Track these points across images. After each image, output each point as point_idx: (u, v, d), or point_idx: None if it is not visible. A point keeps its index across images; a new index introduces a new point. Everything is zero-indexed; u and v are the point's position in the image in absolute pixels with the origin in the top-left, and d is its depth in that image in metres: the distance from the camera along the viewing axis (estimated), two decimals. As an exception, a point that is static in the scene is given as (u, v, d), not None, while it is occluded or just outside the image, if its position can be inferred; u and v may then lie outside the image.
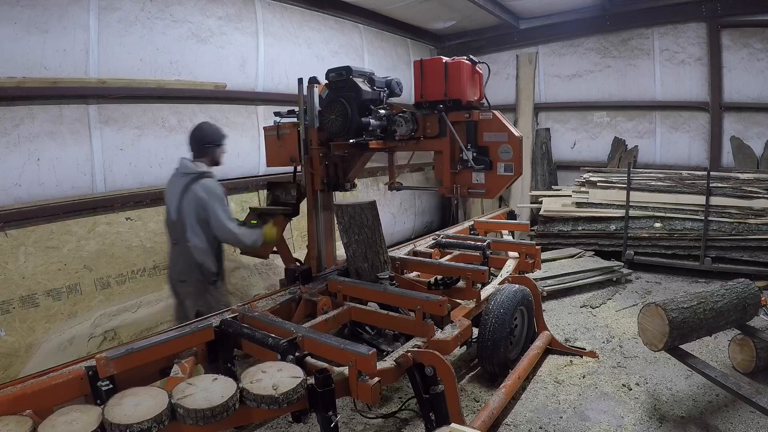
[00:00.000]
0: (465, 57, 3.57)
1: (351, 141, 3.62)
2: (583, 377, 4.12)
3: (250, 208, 4.57)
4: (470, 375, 4.23)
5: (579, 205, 7.48)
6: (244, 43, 6.11)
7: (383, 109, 3.72)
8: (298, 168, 4.22)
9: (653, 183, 7.12)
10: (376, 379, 2.42)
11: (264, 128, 4.35)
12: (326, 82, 3.81)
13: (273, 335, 2.68)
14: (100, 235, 4.61)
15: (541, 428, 3.46)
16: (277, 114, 4.28)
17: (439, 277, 3.88)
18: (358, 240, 3.76)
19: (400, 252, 4.56)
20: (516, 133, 3.36)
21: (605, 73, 8.61)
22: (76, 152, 4.60)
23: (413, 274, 4.24)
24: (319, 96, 3.85)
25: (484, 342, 3.85)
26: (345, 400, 3.65)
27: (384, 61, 8.57)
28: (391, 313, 3.36)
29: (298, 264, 4.26)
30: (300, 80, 3.95)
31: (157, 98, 5.19)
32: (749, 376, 3.97)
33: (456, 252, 4.69)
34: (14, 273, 4.09)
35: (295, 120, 4.14)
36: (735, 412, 3.52)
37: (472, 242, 4.78)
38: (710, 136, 7.72)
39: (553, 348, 4.55)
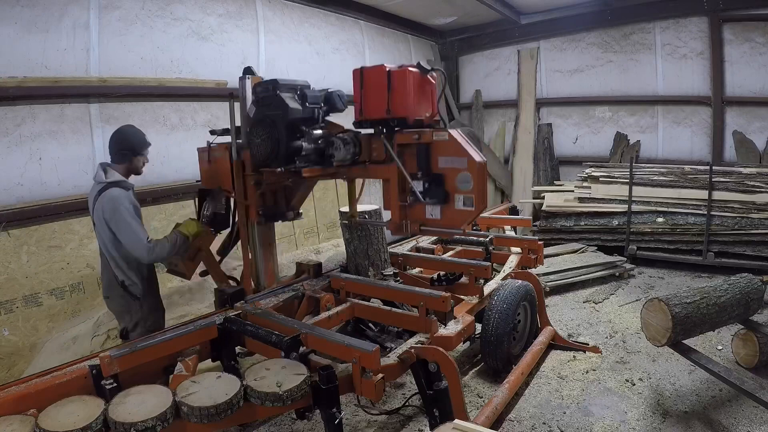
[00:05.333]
0: (414, 65, 2.91)
1: (279, 169, 3.09)
2: (587, 372, 4.12)
3: (176, 223, 3.68)
4: (474, 371, 4.23)
5: (581, 200, 7.46)
6: (245, 41, 6.10)
7: (319, 128, 3.19)
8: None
9: (655, 178, 7.10)
10: (380, 375, 2.42)
11: (197, 149, 3.78)
12: (252, 98, 3.32)
13: (276, 332, 2.68)
14: (103, 234, 4.60)
15: (544, 423, 3.46)
16: (212, 132, 3.73)
17: (442, 273, 3.88)
18: (360, 236, 3.76)
19: (403, 248, 4.56)
20: (477, 158, 2.74)
21: (607, 67, 8.59)
22: (78, 151, 4.60)
23: (416, 271, 4.24)
24: (247, 114, 3.38)
25: (488, 338, 3.84)
26: (349, 397, 3.65)
27: (385, 58, 8.54)
28: (394, 309, 3.34)
29: (232, 283, 3.77)
30: (231, 96, 3.44)
31: (158, 96, 5.19)
32: (752, 371, 3.96)
33: (458, 248, 4.69)
34: (17, 272, 4.10)
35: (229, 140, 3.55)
36: (738, 407, 3.52)
37: (475, 238, 4.77)
38: (712, 131, 7.69)
39: (556, 343, 4.55)
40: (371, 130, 3.07)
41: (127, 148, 3.38)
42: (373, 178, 3.26)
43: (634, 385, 3.91)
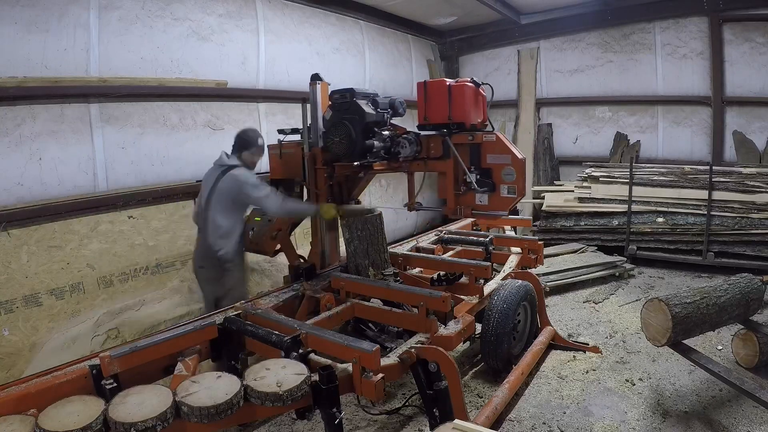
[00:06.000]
0: (468, 79, 3.53)
1: (356, 163, 3.61)
2: (587, 372, 4.12)
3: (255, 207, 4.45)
4: (474, 371, 4.23)
5: (581, 200, 7.46)
6: (245, 41, 6.09)
7: (387, 130, 3.71)
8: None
9: (656, 178, 7.11)
10: (380, 375, 2.43)
11: (268, 146, 4.37)
12: (330, 103, 3.84)
13: (276, 332, 2.69)
14: (103, 234, 4.61)
15: (544, 423, 3.46)
16: (280, 131, 4.35)
17: (442, 273, 3.88)
18: (360, 236, 3.76)
19: (403, 248, 4.56)
20: (519, 155, 3.36)
21: (607, 67, 8.58)
22: (78, 151, 4.60)
23: (416, 271, 4.24)
24: (323, 117, 3.90)
25: (488, 338, 3.85)
26: (349, 397, 3.65)
27: (385, 58, 8.55)
28: (394, 309, 3.35)
29: (302, 261, 4.31)
30: (303, 101, 4.05)
31: (158, 96, 5.19)
32: (752, 371, 3.96)
33: (459, 248, 4.69)
34: (17, 272, 4.10)
35: (298, 138, 4.24)
36: (738, 407, 3.52)
37: (475, 238, 4.78)
38: (712, 131, 7.69)
39: (556, 343, 4.55)
40: (431, 132, 3.66)
41: (242, 144, 4.07)
42: (431, 171, 3.81)
43: (634, 385, 3.91)
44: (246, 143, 4.08)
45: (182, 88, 5.38)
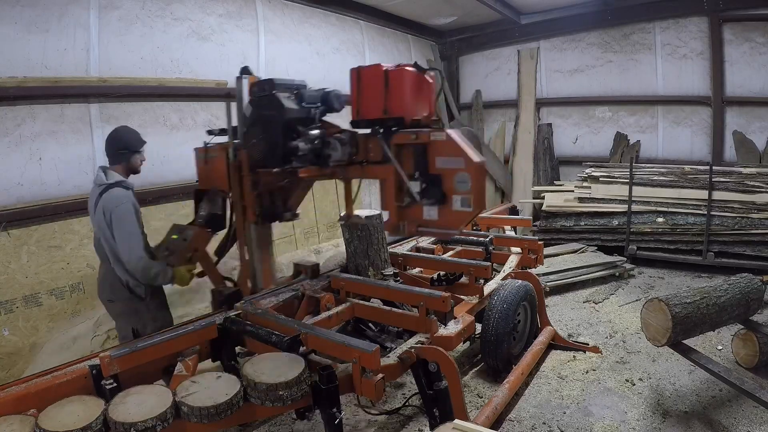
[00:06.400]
0: (411, 64, 2.86)
1: (275, 170, 3.11)
2: (587, 372, 4.12)
3: (174, 224, 3.80)
4: (474, 371, 4.23)
5: (581, 200, 7.46)
6: (245, 41, 6.10)
7: (317, 129, 3.11)
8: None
9: (656, 178, 7.10)
10: (380, 375, 2.42)
11: (194, 149, 3.74)
12: (249, 98, 3.31)
13: (276, 332, 2.68)
14: (103, 234, 4.60)
15: (544, 423, 3.46)
16: (209, 132, 3.66)
17: (442, 273, 3.88)
18: (360, 237, 3.75)
19: (403, 248, 4.56)
20: (475, 159, 2.67)
21: (607, 67, 8.59)
22: (78, 151, 4.60)
23: (416, 271, 4.23)
24: (243, 115, 3.36)
25: (488, 338, 3.85)
26: (349, 397, 3.65)
27: (385, 58, 8.54)
28: (394, 309, 3.34)
29: (229, 284, 3.77)
30: (227, 98, 3.36)
31: (158, 96, 5.19)
32: (752, 371, 3.96)
33: (458, 248, 4.68)
34: (17, 272, 4.10)
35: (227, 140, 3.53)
36: (738, 407, 3.52)
37: (475, 238, 4.77)
38: (712, 131, 7.69)
39: (556, 343, 4.55)
40: (368, 130, 3.00)
41: (124, 147, 3.41)
42: (369, 179, 3.18)
43: (634, 385, 3.91)
44: (129, 145, 3.44)
45: (182, 88, 5.38)
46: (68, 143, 4.52)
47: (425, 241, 4.86)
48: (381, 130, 2.91)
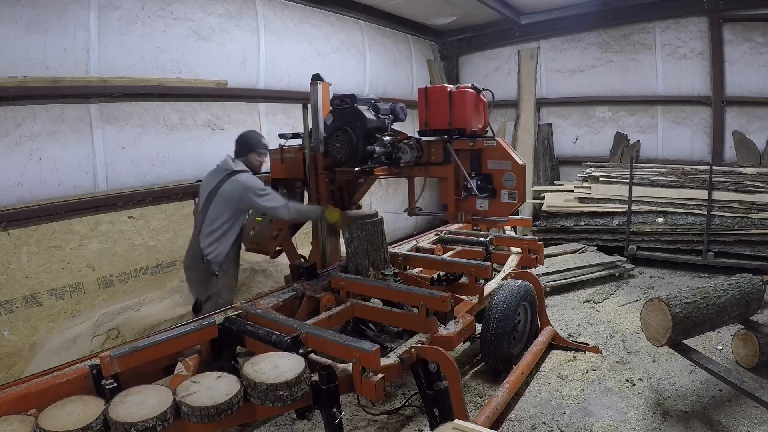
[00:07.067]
0: (470, 85, 3.57)
1: (357, 169, 3.70)
2: (587, 373, 4.12)
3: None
4: (474, 371, 4.23)
5: (581, 200, 7.47)
6: (245, 41, 6.10)
7: (388, 135, 3.72)
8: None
9: (656, 178, 7.11)
10: (380, 375, 2.42)
11: (269, 151, 4.32)
12: (330, 108, 3.89)
13: (276, 332, 2.68)
14: (103, 234, 4.61)
15: (544, 424, 3.46)
16: (281, 136, 4.33)
17: (442, 273, 3.88)
18: (360, 237, 3.76)
19: (403, 248, 4.56)
20: (519, 161, 3.41)
21: (607, 67, 8.59)
22: (78, 151, 4.60)
23: (416, 271, 4.24)
24: (324, 122, 3.94)
25: (488, 338, 3.84)
26: (349, 397, 3.65)
27: (385, 57, 8.55)
28: (394, 309, 3.35)
29: (303, 260, 4.30)
30: (304, 105, 4.02)
31: (158, 96, 5.19)
32: (752, 371, 3.96)
33: (459, 248, 4.68)
34: (17, 272, 4.10)
35: (299, 143, 4.24)
36: (738, 408, 3.52)
37: (475, 238, 4.77)
38: (712, 131, 7.69)
39: (556, 343, 4.55)
40: (432, 138, 3.68)
41: (247, 147, 4.01)
42: (432, 177, 3.86)
43: (634, 385, 3.91)
44: (251, 145, 4.04)
45: (182, 88, 5.38)
46: (68, 143, 4.52)
47: (425, 241, 4.87)
48: (445, 137, 3.57)
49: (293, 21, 6.75)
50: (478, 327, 3.86)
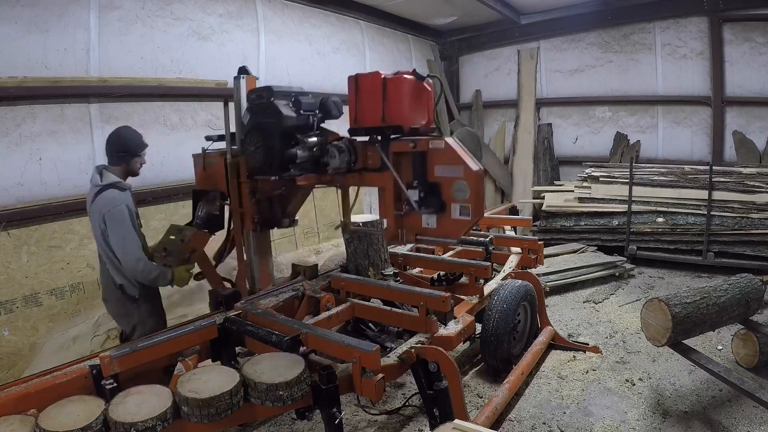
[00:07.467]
0: (410, 71, 2.85)
1: (273, 178, 3.09)
2: (587, 372, 4.12)
3: (171, 225, 3.75)
4: (474, 371, 4.23)
5: (581, 200, 7.46)
6: (245, 41, 6.10)
7: (315, 136, 3.07)
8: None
9: (656, 178, 7.10)
10: (380, 375, 2.42)
11: (192, 156, 3.77)
12: (247, 105, 3.30)
13: (276, 332, 2.68)
14: (103, 234, 4.60)
15: (544, 423, 3.46)
16: (208, 138, 3.64)
17: (442, 273, 3.88)
18: (360, 237, 3.75)
19: (403, 248, 4.56)
20: (473, 167, 2.67)
21: (607, 68, 8.59)
22: (78, 151, 4.61)
23: (416, 271, 4.24)
24: (241, 122, 3.34)
25: (488, 338, 3.85)
26: (349, 397, 3.65)
27: (385, 57, 8.55)
28: (394, 309, 3.34)
29: (228, 285, 3.77)
30: (225, 102, 3.38)
31: (158, 96, 5.20)
32: (752, 371, 3.96)
33: (458, 248, 4.68)
34: (17, 272, 4.10)
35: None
36: (738, 407, 3.52)
37: (475, 238, 4.77)
38: (712, 131, 7.70)
39: (556, 343, 4.55)
40: (366, 138, 3.00)
41: (124, 150, 3.34)
42: (367, 186, 3.16)
43: (634, 385, 3.91)
44: (131, 149, 3.35)
45: (182, 88, 5.38)
46: (68, 143, 4.53)
47: (425, 241, 4.85)
48: (379, 138, 2.89)
49: (293, 21, 6.75)
50: (478, 327, 3.86)
